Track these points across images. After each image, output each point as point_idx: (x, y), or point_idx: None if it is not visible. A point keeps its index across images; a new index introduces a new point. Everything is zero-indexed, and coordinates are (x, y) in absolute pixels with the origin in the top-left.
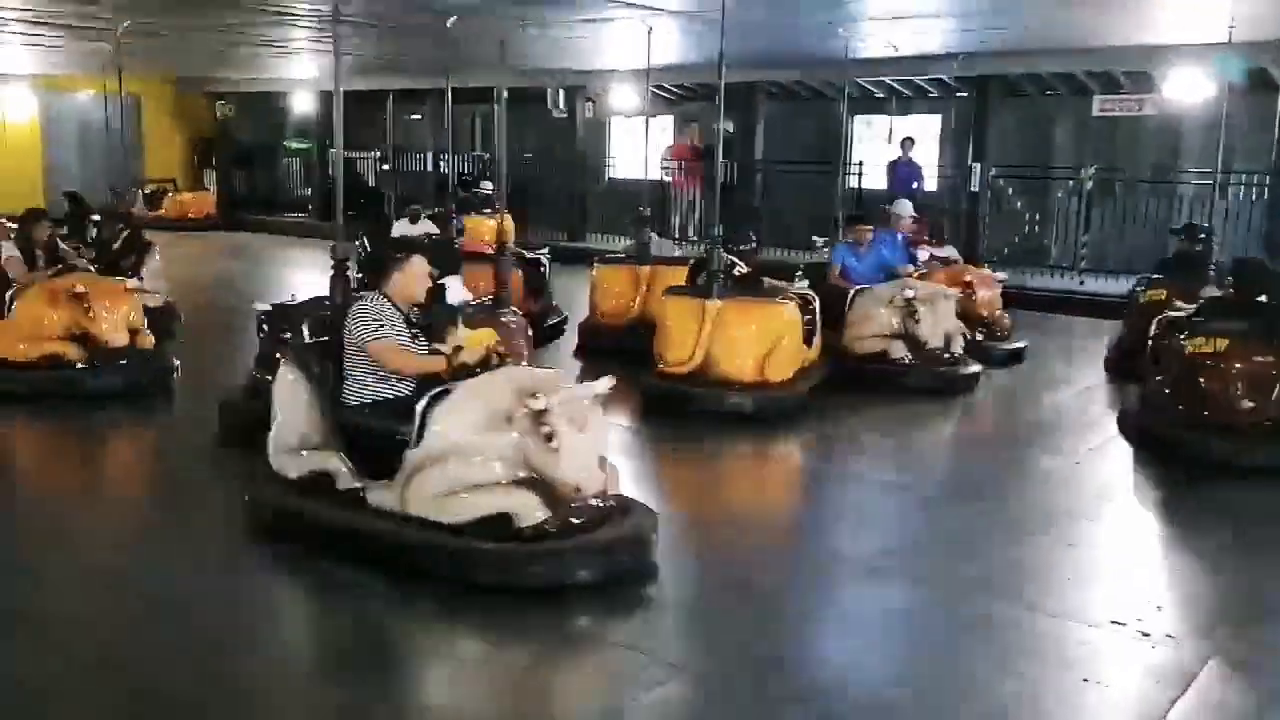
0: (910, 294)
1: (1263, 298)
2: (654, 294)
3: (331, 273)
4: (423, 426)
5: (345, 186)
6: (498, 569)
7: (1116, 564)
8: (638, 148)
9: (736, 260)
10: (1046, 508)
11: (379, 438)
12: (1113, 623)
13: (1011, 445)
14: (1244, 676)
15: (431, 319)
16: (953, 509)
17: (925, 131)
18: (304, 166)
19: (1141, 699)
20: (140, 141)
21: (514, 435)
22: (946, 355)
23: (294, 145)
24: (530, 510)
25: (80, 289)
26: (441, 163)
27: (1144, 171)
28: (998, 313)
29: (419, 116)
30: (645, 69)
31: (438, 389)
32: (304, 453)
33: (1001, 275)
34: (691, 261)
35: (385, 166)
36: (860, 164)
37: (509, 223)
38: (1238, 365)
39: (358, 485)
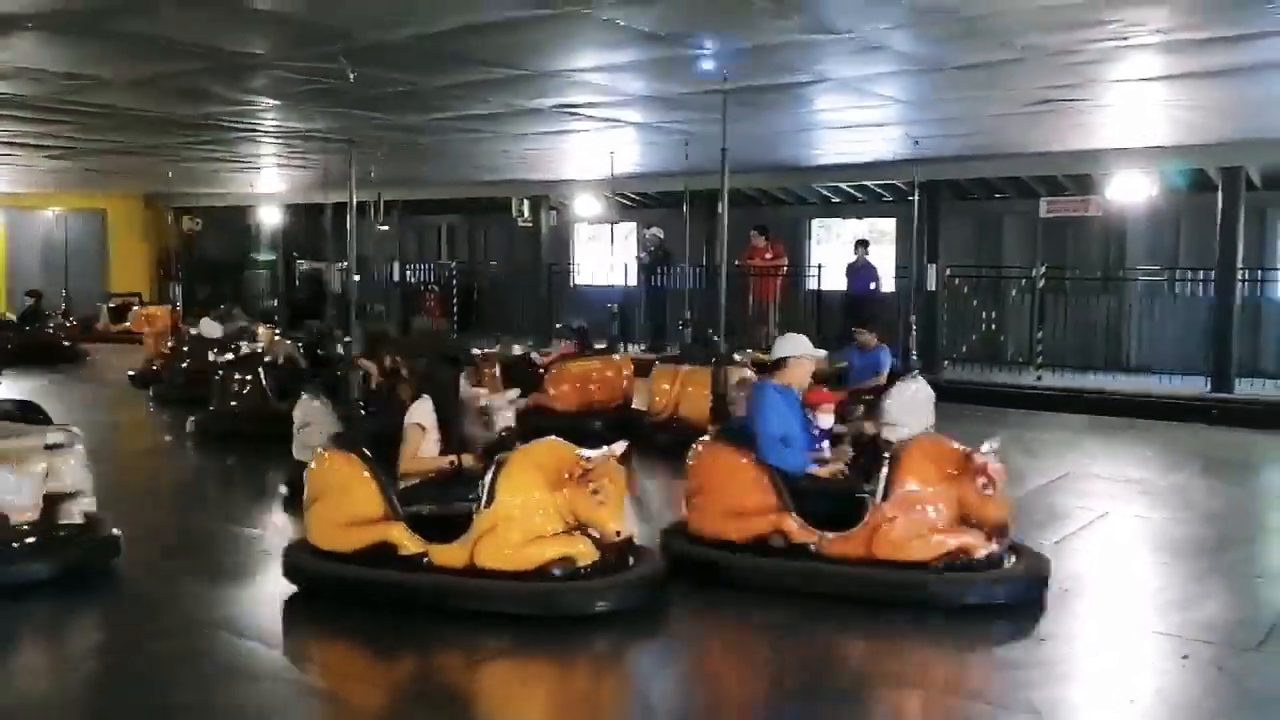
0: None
1: None
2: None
3: None
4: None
5: (311, 296)
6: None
7: (1089, 658)
8: (601, 254)
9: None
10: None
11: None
12: None
13: None
14: None
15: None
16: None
17: (881, 234)
18: (270, 278)
19: None
20: (106, 256)
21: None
22: None
23: (260, 258)
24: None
25: None
26: (407, 272)
27: (1093, 270)
28: None
29: (386, 227)
30: (608, 178)
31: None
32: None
33: None
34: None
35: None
36: (819, 266)
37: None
38: None
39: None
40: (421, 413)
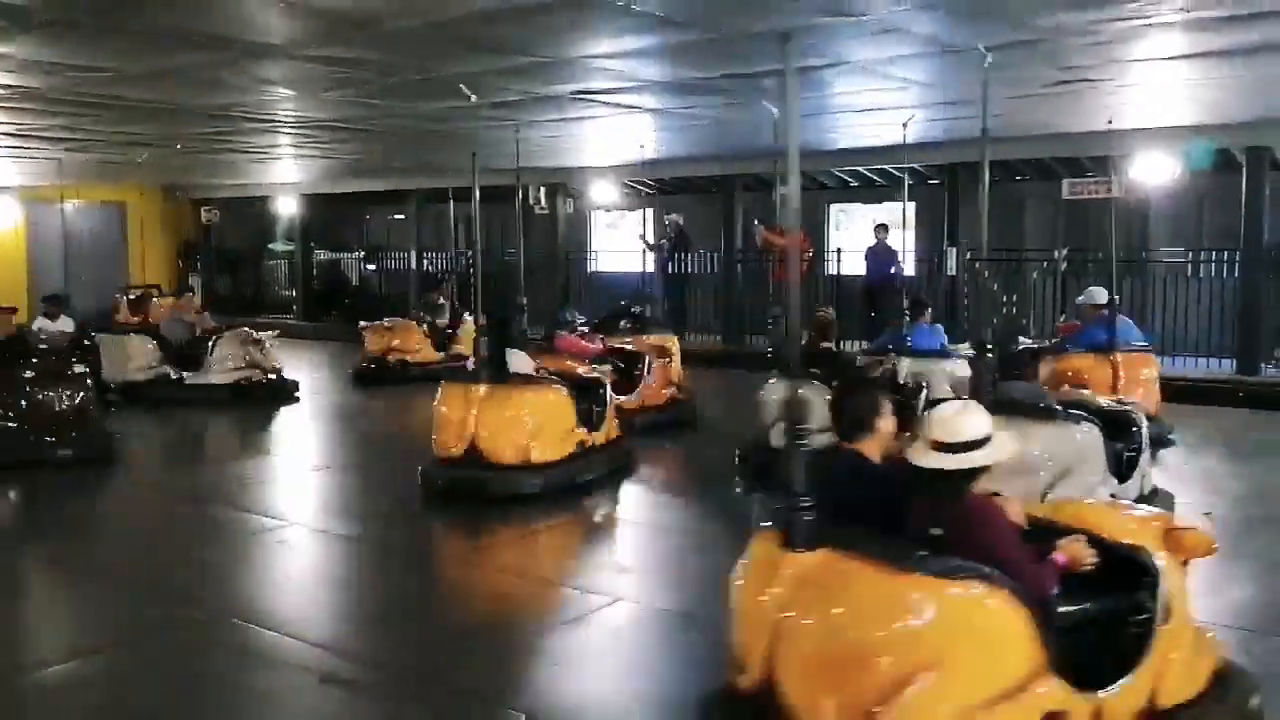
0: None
1: None
2: None
3: None
4: None
5: (329, 286)
6: None
7: None
8: (618, 240)
9: None
10: None
11: None
12: None
13: None
14: None
15: None
16: None
17: (900, 218)
18: (288, 268)
19: None
20: (125, 248)
21: None
22: None
23: (278, 248)
24: None
25: None
26: (425, 261)
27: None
28: None
29: (401, 216)
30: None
31: None
32: None
33: None
34: None
35: (370, 267)
36: (838, 250)
37: None
38: None
39: None
40: None
